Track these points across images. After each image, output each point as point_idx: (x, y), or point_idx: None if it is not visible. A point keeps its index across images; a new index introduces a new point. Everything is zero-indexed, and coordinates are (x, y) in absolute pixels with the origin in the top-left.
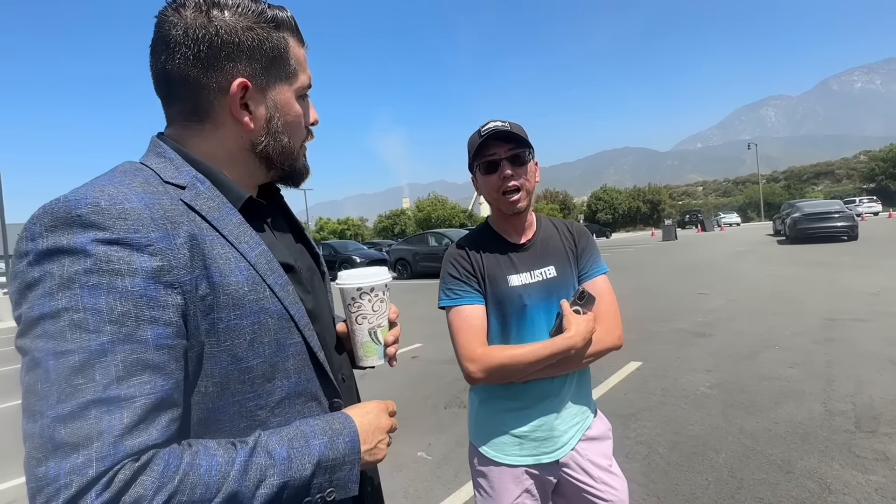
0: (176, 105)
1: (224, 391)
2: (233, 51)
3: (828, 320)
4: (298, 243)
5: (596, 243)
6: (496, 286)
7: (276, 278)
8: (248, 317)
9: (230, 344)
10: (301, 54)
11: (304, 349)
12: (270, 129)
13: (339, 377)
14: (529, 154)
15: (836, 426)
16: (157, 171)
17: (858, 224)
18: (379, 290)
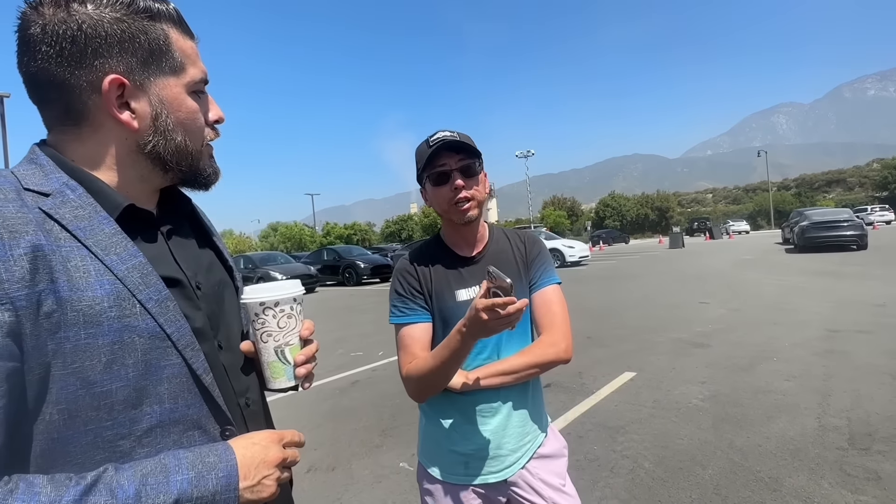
0: (49, 109)
1: (73, 419)
2: (100, 45)
3: (830, 331)
4: (206, 254)
5: (548, 253)
6: (443, 302)
7: (150, 293)
8: (105, 335)
9: (80, 366)
10: (188, 47)
11: (186, 371)
12: (159, 128)
13: (242, 402)
14: (479, 164)
15: (828, 443)
16: (19, 178)
17: (868, 233)
18: (285, 304)
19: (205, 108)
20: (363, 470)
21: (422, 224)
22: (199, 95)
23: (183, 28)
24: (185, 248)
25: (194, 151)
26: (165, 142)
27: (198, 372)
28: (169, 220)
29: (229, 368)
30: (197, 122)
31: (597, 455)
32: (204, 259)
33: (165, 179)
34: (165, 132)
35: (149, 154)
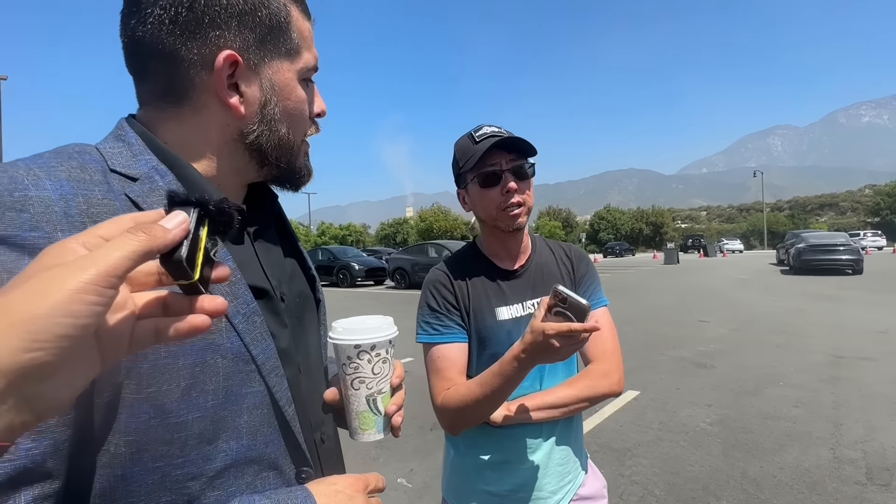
0: (149, 81)
1: (141, 453)
2: (219, 15)
3: (834, 357)
4: (290, 261)
5: (596, 271)
6: (482, 321)
7: (238, 305)
8: (187, 355)
9: (156, 391)
10: (306, 28)
11: (268, 401)
12: (265, 116)
13: (318, 437)
14: (532, 166)
15: (846, 476)
16: (106, 157)
17: (863, 258)
18: (382, 347)
19: (310, 99)
20: None
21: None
22: (307, 84)
23: (302, 6)
24: (270, 253)
25: (294, 146)
26: (270, 133)
27: (280, 402)
28: (255, 220)
29: (307, 397)
30: (303, 114)
31: (604, 479)
32: (287, 266)
33: (259, 174)
34: (271, 122)
35: (250, 145)
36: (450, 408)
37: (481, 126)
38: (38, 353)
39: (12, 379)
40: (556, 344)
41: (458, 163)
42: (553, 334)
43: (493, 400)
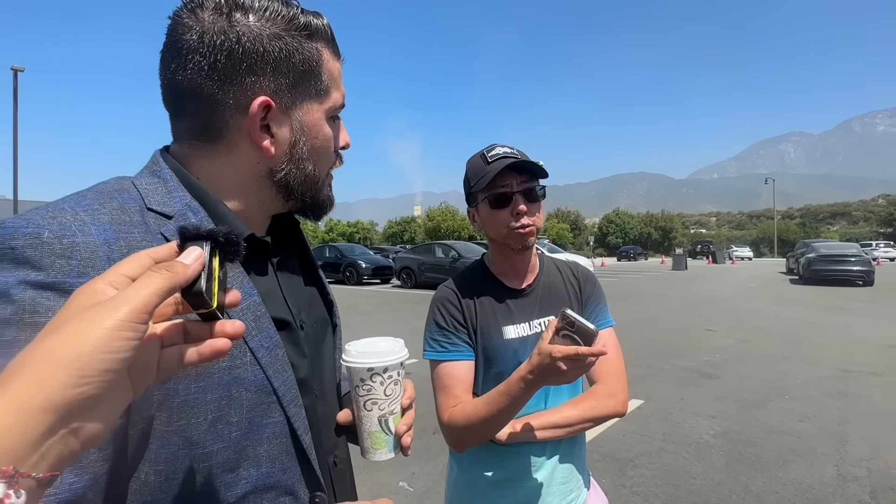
0: (185, 121)
1: (170, 482)
2: (256, 62)
3: (842, 371)
4: (309, 288)
5: (603, 291)
6: (489, 339)
7: (262, 339)
8: (215, 389)
9: (185, 423)
10: (336, 69)
11: (286, 431)
12: (294, 156)
13: (331, 460)
14: (542, 189)
15: (849, 494)
16: (143, 195)
17: (875, 269)
18: (393, 370)
19: (336, 134)
20: (360, 487)
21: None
22: (334, 121)
23: (334, 48)
24: (292, 281)
25: (320, 181)
26: (297, 170)
27: (298, 431)
28: (278, 250)
29: (322, 422)
30: (329, 151)
31: (605, 489)
32: (307, 293)
33: (285, 207)
34: (299, 161)
35: (278, 182)
36: (456, 425)
37: (494, 146)
38: (84, 387)
39: (63, 414)
40: (563, 367)
41: (469, 182)
42: (560, 357)
43: (498, 419)
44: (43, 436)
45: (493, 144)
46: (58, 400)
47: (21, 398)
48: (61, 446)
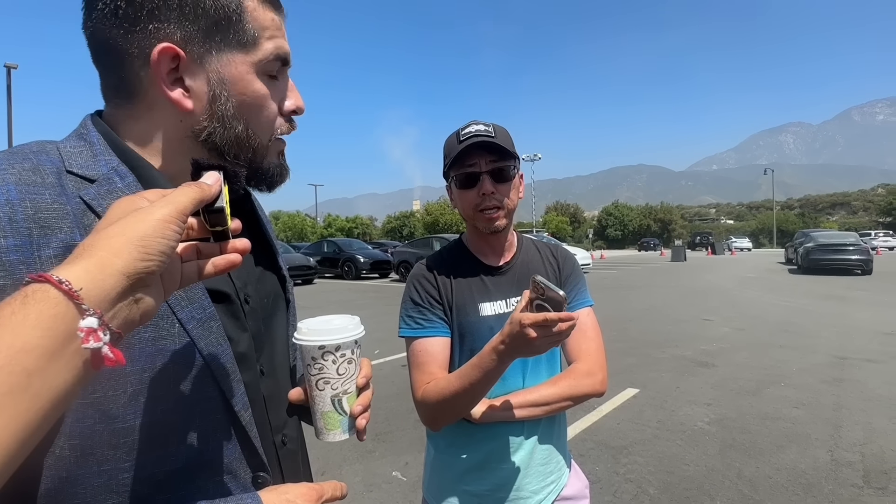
0: (104, 77)
1: (86, 457)
2: (158, 6)
3: (838, 358)
4: (260, 263)
5: (581, 271)
6: (464, 316)
7: (193, 311)
8: (135, 361)
9: (101, 396)
10: (267, 18)
11: (222, 406)
12: (216, 112)
13: (279, 439)
14: (514, 168)
15: (842, 479)
16: (64, 157)
17: (873, 258)
18: (347, 348)
19: (279, 95)
20: (354, 477)
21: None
22: (274, 78)
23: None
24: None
25: (258, 145)
26: (224, 130)
27: (236, 408)
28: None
29: (269, 399)
30: (265, 111)
31: (598, 476)
32: (257, 266)
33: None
34: (224, 119)
35: (204, 142)
36: (429, 401)
37: (470, 124)
38: (148, 262)
39: (133, 281)
40: (533, 334)
41: (444, 159)
42: (529, 323)
43: (471, 393)
44: (118, 297)
45: (472, 122)
46: (130, 269)
47: (104, 263)
48: (127, 311)
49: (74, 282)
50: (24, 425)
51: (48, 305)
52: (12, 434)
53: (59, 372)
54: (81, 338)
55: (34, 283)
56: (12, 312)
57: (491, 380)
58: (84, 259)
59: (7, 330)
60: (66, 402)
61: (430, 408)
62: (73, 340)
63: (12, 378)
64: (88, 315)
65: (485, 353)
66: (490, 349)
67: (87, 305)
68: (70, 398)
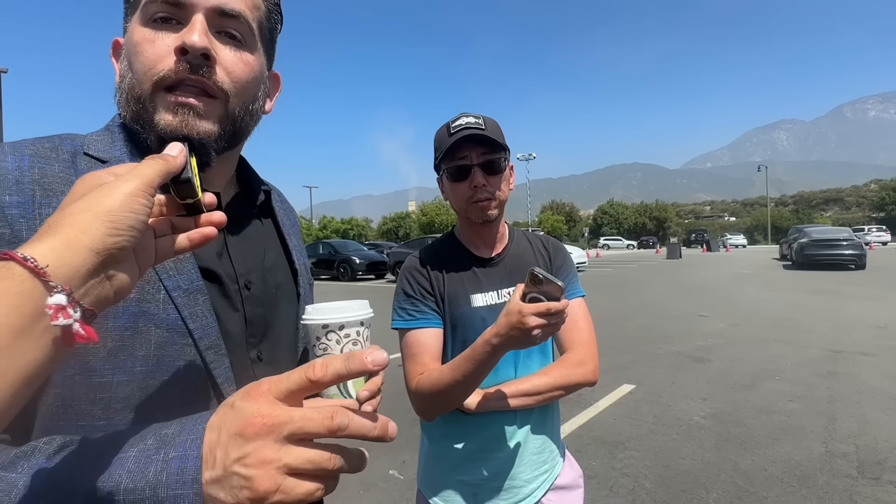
0: None
1: (66, 409)
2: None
3: (832, 352)
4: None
5: (573, 262)
6: (456, 307)
7: (180, 280)
8: (117, 317)
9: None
10: None
11: (205, 377)
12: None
13: None
14: (505, 160)
15: (836, 470)
16: (86, 143)
17: (867, 253)
18: (351, 327)
19: (167, 37)
20: (350, 476)
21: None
22: (162, 22)
23: None
24: (246, 241)
25: (141, 94)
26: (120, 94)
27: (219, 380)
28: (239, 210)
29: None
30: (141, 55)
31: (595, 472)
32: (268, 257)
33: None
34: (122, 80)
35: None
36: (423, 392)
37: (460, 116)
38: (118, 238)
39: (103, 258)
40: (532, 323)
41: (435, 152)
42: (531, 313)
43: (465, 385)
44: (88, 274)
45: (461, 114)
46: (99, 245)
47: (71, 240)
48: (99, 288)
49: (40, 259)
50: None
51: (13, 283)
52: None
53: (28, 349)
54: (50, 315)
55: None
56: None
57: (484, 371)
58: (50, 236)
59: None
60: (37, 380)
61: (424, 398)
62: (42, 318)
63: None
64: (56, 292)
65: (478, 346)
66: (483, 341)
67: (55, 283)
68: (41, 375)
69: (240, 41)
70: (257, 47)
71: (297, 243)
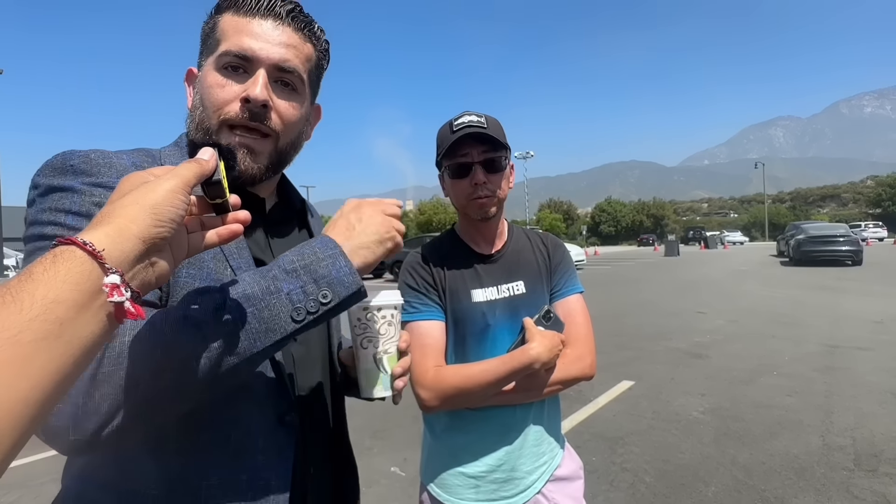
0: None
1: None
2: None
3: (829, 347)
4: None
5: (571, 259)
6: (457, 301)
7: (242, 262)
8: (203, 280)
9: (176, 300)
10: (230, 24)
11: None
12: (194, 106)
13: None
14: (506, 159)
15: (834, 462)
16: (162, 157)
17: (863, 249)
18: (387, 310)
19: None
20: None
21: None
22: (234, 71)
23: (240, 7)
24: (286, 242)
25: (208, 127)
26: (191, 120)
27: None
28: (280, 215)
29: (297, 361)
30: (212, 97)
31: (595, 467)
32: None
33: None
34: (194, 108)
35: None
36: (444, 388)
37: (463, 114)
38: (161, 229)
39: (149, 246)
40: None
41: (437, 149)
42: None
43: (495, 387)
44: (136, 259)
45: (464, 112)
46: (145, 234)
47: (122, 228)
48: (144, 273)
49: (97, 244)
50: (58, 368)
51: (75, 264)
52: (49, 375)
53: (88, 323)
54: (106, 292)
55: (61, 246)
56: (44, 269)
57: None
58: (104, 225)
59: (41, 284)
60: (93, 352)
61: (442, 394)
62: (99, 295)
63: (47, 325)
64: (112, 273)
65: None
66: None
67: (110, 264)
68: (96, 348)
69: (292, 89)
70: (306, 93)
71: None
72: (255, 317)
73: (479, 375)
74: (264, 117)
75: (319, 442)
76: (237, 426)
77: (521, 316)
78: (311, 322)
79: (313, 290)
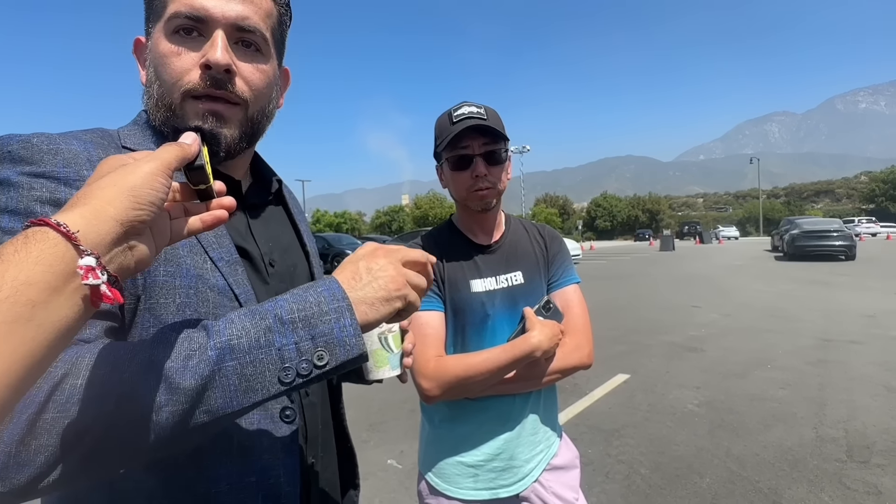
0: None
1: None
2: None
3: (822, 341)
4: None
5: (568, 250)
6: (456, 292)
7: (222, 253)
8: (183, 277)
9: (155, 302)
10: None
11: None
12: (148, 81)
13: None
14: (506, 150)
15: (826, 454)
16: (121, 137)
17: (856, 244)
18: None
19: (198, 52)
20: None
21: (413, 216)
22: (187, 36)
23: None
24: (266, 225)
25: (170, 103)
26: (148, 97)
27: None
28: (257, 197)
29: None
30: (168, 67)
31: (591, 459)
32: (283, 239)
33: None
34: (149, 83)
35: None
36: (447, 377)
37: (461, 105)
38: (140, 211)
39: (127, 229)
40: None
41: (436, 140)
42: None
43: (497, 376)
44: (113, 242)
45: (463, 103)
46: (123, 216)
47: (98, 210)
48: (122, 257)
49: (71, 225)
50: (29, 353)
51: (48, 245)
52: (20, 359)
53: (61, 306)
54: (81, 275)
55: (34, 227)
56: (15, 251)
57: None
58: (79, 206)
59: (11, 265)
60: (67, 337)
61: (444, 384)
62: (74, 278)
63: (17, 308)
64: (86, 255)
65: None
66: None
67: (85, 246)
68: (71, 333)
69: (256, 49)
70: (271, 54)
71: (306, 228)
72: (236, 372)
73: (482, 364)
74: (229, 83)
75: (319, 431)
76: (238, 426)
77: (520, 306)
78: (300, 385)
79: (308, 348)
